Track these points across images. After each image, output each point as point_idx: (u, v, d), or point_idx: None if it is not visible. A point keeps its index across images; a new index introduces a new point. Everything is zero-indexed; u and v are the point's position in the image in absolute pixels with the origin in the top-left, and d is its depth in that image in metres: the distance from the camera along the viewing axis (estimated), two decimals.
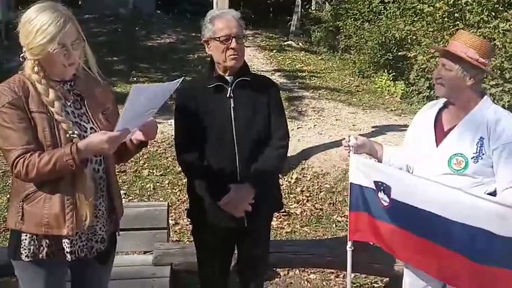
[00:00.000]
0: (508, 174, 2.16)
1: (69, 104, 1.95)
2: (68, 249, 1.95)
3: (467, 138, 2.21)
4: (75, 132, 1.89)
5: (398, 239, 2.30)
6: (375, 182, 2.36)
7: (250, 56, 10.89)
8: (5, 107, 1.81)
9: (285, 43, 12.76)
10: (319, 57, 11.73)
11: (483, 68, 2.20)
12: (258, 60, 10.69)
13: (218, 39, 2.35)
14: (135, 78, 8.98)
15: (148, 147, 6.17)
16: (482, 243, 2.01)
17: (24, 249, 1.93)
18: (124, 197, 5.24)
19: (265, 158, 2.44)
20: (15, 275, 2.05)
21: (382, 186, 2.33)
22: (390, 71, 9.80)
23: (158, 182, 5.57)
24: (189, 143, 2.43)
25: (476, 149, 2.19)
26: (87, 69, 2.03)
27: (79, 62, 1.94)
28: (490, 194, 2.19)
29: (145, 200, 5.23)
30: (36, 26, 1.82)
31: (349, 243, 2.57)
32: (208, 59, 2.54)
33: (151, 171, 5.75)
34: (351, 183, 2.51)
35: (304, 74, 10.07)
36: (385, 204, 2.33)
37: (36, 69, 1.87)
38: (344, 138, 2.51)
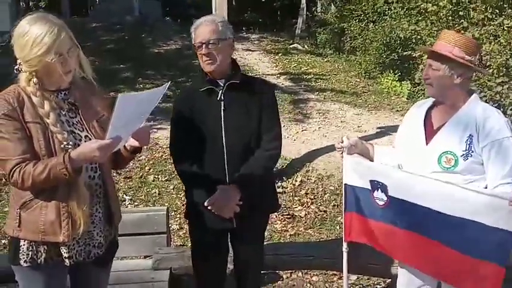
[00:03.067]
0: (498, 171, 2.16)
1: (63, 113, 1.99)
2: (66, 255, 1.99)
3: (456, 136, 2.22)
4: (70, 142, 1.92)
5: (394, 238, 2.31)
6: (370, 181, 2.37)
7: (255, 60, 10.95)
8: (0, 119, 1.86)
9: (291, 46, 12.78)
10: (325, 60, 11.74)
11: (470, 65, 2.21)
12: (263, 64, 10.72)
13: (195, 46, 2.45)
14: (141, 85, 9.06)
15: (154, 153, 6.25)
16: (476, 236, 2.03)
17: (23, 254, 1.97)
18: (130, 203, 5.30)
19: (254, 159, 2.47)
20: (16, 280, 2.09)
21: (378, 185, 2.34)
22: (396, 72, 9.77)
23: (163, 187, 5.62)
24: (182, 147, 2.49)
25: (466, 146, 2.19)
26: (84, 74, 2.06)
27: (75, 68, 1.98)
28: None
29: (151, 205, 5.27)
30: (31, 38, 1.85)
31: (345, 245, 2.58)
32: None
33: (156, 176, 5.80)
34: (345, 184, 2.53)
35: (309, 76, 10.09)
36: (381, 203, 2.34)
37: (31, 81, 1.91)
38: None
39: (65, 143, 1.90)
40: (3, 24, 9.80)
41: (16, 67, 1.93)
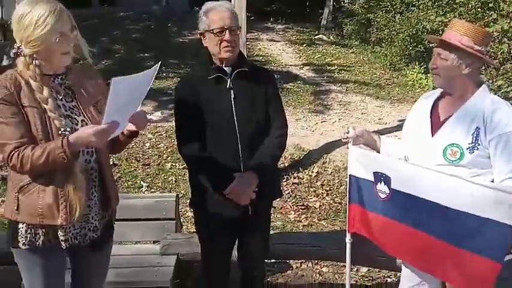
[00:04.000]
0: (505, 165, 2.11)
1: (60, 97, 2.01)
2: (62, 238, 2.01)
3: (462, 128, 2.17)
4: (68, 129, 1.93)
5: (390, 232, 2.28)
6: (374, 173, 2.34)
7: (279, 50, 10.89)
8: None
9: (316, 37, 12.62)
10: (350, 51, 11.56)
11: (479, 55, 2.15)
12: (287, 55, 10.64)
13: (212, 31, 2.40)
14: (164, 74, 9.13)
15: (172, 140, 6.30)
16: (475, 230, 1.99)
17: (21, 237, 1.99)
18: (147, 189, 5.37)
19: (265, 147, 2.49)
20: (16, 262, 2.12)
21: (382, 177, 2.31)
22: (422, 64, 9.56)
23: (180, 175, 5.66)
24: (191, 135, 2.47)
25: (472, 139, 2.14)
26: (84, 57, 2.08)
27: (72, 50, 1.99)
28: None
29: (167, 192, 5.33)
30: (34, 18, 1.86)
31: (348, 236, 2.56)
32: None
33: (174, 164, 5.85)
34: (349, 175, 2.51)
35: (333, 67, 9.96)
36: (383, 196, 2.31)
37: (30, 65, 1.92)
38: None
39: (62, 129, 1.92)
40: None
41: (14, 51, 1.94)
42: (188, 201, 4.94)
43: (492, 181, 2.14)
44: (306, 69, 9.68)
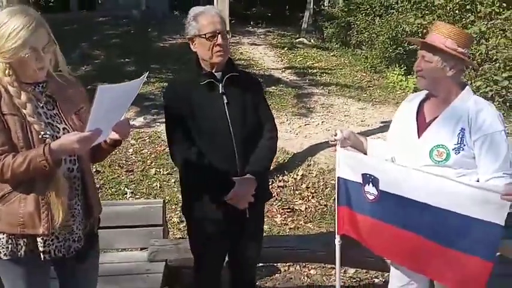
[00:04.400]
0: (489, 165, 2.14)
1: (41, 105, 1.96)
2: (41, 249, 1.95)
3: (448, 129, 2.20)
4: (48, 133, 1.90)
5: (378, 233, 2.30)
6: (362, 174, 2.36)
7: (261, 54, 10.94)
8: None
9: (297, 40, 12.74)
10: (331, 54, 11.68)
11: (462, 57, 2.19)
12: (268, 58, 10.70)
13: (204, 36, 2.37)
14: (145, 79, 9.08)
15: (156, 146, 6.27)
16: (464, 230, 2.02)
17: (3, 247, 1.93)
18: (131, 196, 5.32)
19: (259, 150, 2.51)
20: None
21: (370, 179, 2.33)
22: (402, 66, 9.71)
23: (165, 181, 5.63)
24: (184, 140, 2.43)
25: (458, 140, 2.17)
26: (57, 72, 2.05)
27: (49, 65, 1.96)
28: None
29: (152, 198, 5.29)
30: (8, 30, 1.82)
31: (338, 238, 2.57)
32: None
33: (158, 170, 5.82)
34: (338, 177, 2.52)
35: (314, 70, 10.05)
36: (371, 198, 2.33)
37: (7, 72, 1.88)
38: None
39: (42, 133, 1.88)
40: None
41: None
42: (174, 206, 5.01)
43: (477, 181, 2.17)
44: (287, 73, 9.74)
